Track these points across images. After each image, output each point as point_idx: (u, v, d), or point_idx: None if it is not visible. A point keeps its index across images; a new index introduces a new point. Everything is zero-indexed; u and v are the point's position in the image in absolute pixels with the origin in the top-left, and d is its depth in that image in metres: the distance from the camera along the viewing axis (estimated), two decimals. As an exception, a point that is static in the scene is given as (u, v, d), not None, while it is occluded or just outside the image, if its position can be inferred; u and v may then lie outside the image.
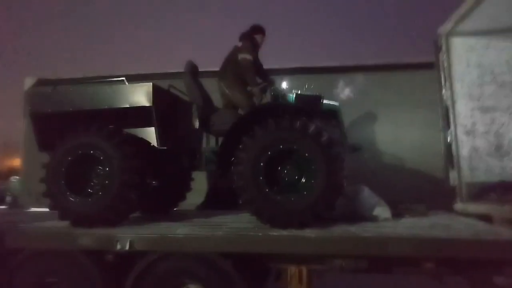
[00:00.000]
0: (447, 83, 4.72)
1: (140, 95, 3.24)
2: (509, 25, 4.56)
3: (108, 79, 3.45)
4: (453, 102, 4.69)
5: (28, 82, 7.27)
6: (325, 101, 3.44)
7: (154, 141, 3.31)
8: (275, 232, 2.77)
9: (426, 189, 5.15)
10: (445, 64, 4.74)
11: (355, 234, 2.68)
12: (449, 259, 2.63)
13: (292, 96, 3.48)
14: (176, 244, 2.79)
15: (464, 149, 4.61)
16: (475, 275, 2.85)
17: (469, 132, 4.65)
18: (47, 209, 3.49)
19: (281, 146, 2.97)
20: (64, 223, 3.27)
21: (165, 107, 3.38)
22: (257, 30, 3.81)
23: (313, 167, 2.92)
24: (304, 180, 2.99)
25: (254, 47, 3.72)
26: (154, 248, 2.83)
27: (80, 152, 3.23)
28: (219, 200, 5.35)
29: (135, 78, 4.00)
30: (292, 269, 2.98)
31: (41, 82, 7.16)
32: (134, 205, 3.28)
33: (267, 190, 2.95)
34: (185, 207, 4.79)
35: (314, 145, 2.92)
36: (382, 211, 3.40)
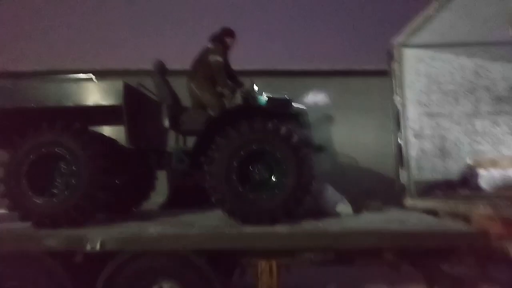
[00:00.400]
0: (399, 90, 5.14)
1: (109, 93, 3.17)
2: (452, 40, 5.07)
3: (74, 75, 3.34)
4: (404, 108, 5.11)
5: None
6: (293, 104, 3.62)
7: (122, 140, 3.26)
8: (248, 229, 2.87)
9: (379, 187, 5.54)
10: (397, 73, 5.15)
11: (323, 229, 2.87)
12: (405, 250, 2.90)
13: (261, 98, 3.61)
14: (149, 243, 2.78)
15: (413, 150, 5.05)
16: (426, 264, 3.17)
17: (417, 135, 5.09)
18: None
19: (253, 147, 3.08)
20: (24, 225, 3.13)
21: (134, 106, 3.34)
22: (227, 33, 3.89)
23: (284, 166, 3.07)
24: (275, 179, 3.13)
25: (224, 49, 3.79)
26: (126, 248, 2.81)
27: (43, 150, 3.10)
28: (181, 199, 5.36)
29: (100, 74, 3.88)
30: (262, 264, 3.11)
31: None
32: (101, 204, 3.21)
33: (239, 189, 3.05)
34: (147, 206, 4.74)
35: (285, 146, 3.07)
36: (344, 207, 3.64)
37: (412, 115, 5.10)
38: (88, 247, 2.77)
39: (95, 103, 3.16)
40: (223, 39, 3.85)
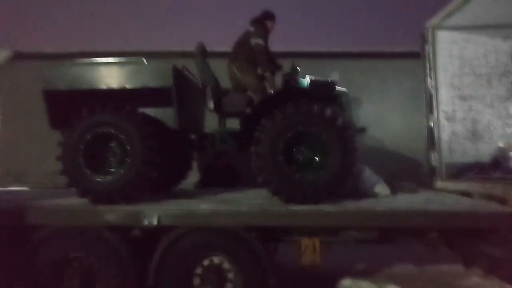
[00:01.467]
0: (432, 73, 5.13)
1: (159, 75, 3.27)
2: (487, 22, 5.01)
3: (125, 58, 3.44)
4: (436, 90, 5.11)
5: (1, 54, 6.92)
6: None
7: (169, 121, 3.39)
8: (298, 208, 3.00)
9: (408, 169, 5.62)
10: (431, 55, 5.13)
11: (369, 208, 2.98)
12: (446, 230, 3.00)
13: (303, 80, 3.68)
14: (204, 219, 2.94)
15: (445, 133, 5.08)
16: (464, 244, 3.27)
17: (450, 118, 5.11)
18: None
19: (299, 128, 3.18)
20: (80, 201, 3.31)
21: (182, 88, 3.45)
22: (268, 16, 3.93)
23: (328, 148, 3.16)
24: (319, 160, 3.23)
25: (265, 32, 3.84)
26: (181, 223, 2.96)
27: (99, 130, 3.24)
28: (213, 179, 5.53)
29: (142, 55, 3.97)
30: (306, 241, 3.25)
31: (18, 55, 6.84)
32: (153, 182, 3.37)
33: (285, 169, 3.16)
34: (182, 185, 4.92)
35: (330, 128, 3.15)
36: (382, 188, 3.74)
37: (445, 98, 5.09)
38: (146, 222, 2.93)
39: (145, 85, 3.27)
40: (263, 22, 3.89)
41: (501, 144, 5.02)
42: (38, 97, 3.45)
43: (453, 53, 5.14)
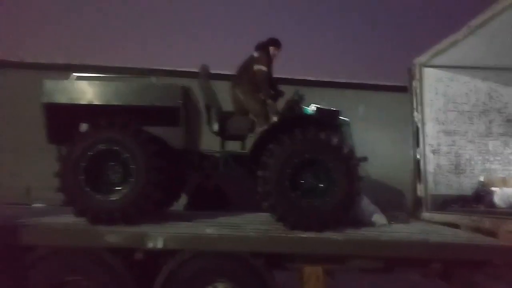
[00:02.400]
0: (419, 107, 5.40)
1: (169, 95, 3.25)
2: (469, 64, 5.39)
3: (129, 75, 3.39)
4: (423, 124, 5.37)
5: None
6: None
7: (175, 141, 3.34)
8: (304, 234, 3.00)
9: (393, 199, 5.78)
10: (418, 90, 5.42)
11: (374, 238, 3.02)
12: (444, 261, 3.08)
13: (307, 108, 3.76)
14: (210, 243, 2.86)
15: (430, 165, 5.31)
16: (460, 275, 3.36)
17: (435, 151, 5.37)
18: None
19: (306, 155, 3.22)
20: (77, 220, 3.15)
21: (187, 108, 3.43)
22: (273, 43, 4.03)
23: (334, 175, 3.21)
24: (324, 187, 3.26)
25: (269, 59, 3.93)
26: (186, 247, 2.87)
27: (102, 147, 3.14)
28: (204, 201, 5.44)
29: (145, 73, 3.94)
30: (309, 269, 3.23)
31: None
32: (155, 203, 3.27)
33: (292, 195, 3.17)
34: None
35: (337, 155, 3.22)
36: (379, 218, 3.81)
37: (431, 132, 5.36)
38: (150, 245, 2.82)
39: (153, 103, 3.23)
40: (268, 48, 3.99)
41: (482, 179, 5.30)
42: (23, 107, 3.31)
43: (439, 90, 5.46)
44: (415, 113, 5.41)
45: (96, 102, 3.20)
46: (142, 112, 3.27)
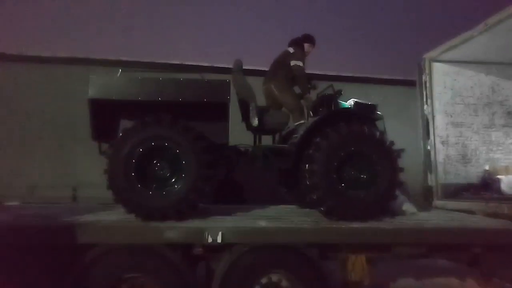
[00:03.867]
0: (429, 100, 5.63)
1: (218, 90, 3.25)
2: (475, 58, 5.66)
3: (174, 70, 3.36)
4: (433, 117, 5.61)
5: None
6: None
7: (219, 136, 3.37)
8: (355, 225, 3.12)
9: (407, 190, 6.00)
10: (427, 84, 5.64)
11: (420, 226, 3.18)
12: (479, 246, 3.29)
13: (344, 102, 3.86)
14: (267, 236, 2.93)
15: (440, 156, 5.57)
16: (488, 259, 3.58)
17: (444, 142, 5.63)
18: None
19: (352, 148, 3.33)
20: (126, 217, 3.13)
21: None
22: (308, 39, 4.09)
23: (377, 167, 3.34)
24: (368, 179, 3.39)
25: (304, 55, 3.99)
26: (244, 241, 2.92)
27: (153, 143, 3.11)
28: (225, 195, 5.48)
29: (161, 67, 3.90)
30: (353, 258, 3.37)
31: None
32: (205, 198, 3.29)
33: (339, 187, 3.28)
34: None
35: (379, 148, 3.35)
36: (409, 207, 4.00)
37: (440, 124, 5.61)
38: (210, 239, 2.85)
39: (203, 99, 3.23)
40: (303, 44, 4.05)
41: (487, 167, 5.62)
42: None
43: (446, 83, 5.71)
44: (425, 106, 5.64)
45: (145, 98, 3.16)
46: (190, 107, 3.26)
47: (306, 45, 4.06)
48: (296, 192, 4.44)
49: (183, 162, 3.13)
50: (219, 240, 2.85)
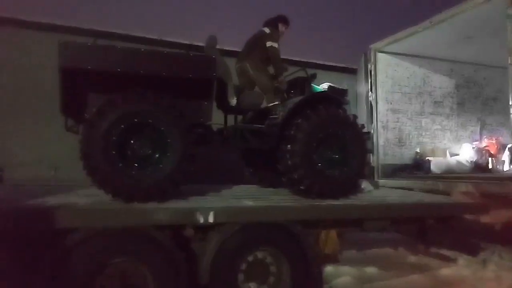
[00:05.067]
0: (373, 88, 6.12)
1: (203, 66, 3.11)
2: (412, 52, 6.28)
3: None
4: (376, 103, 6.12)
5: None
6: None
7: (202, 115, 3.26)
8: (336, 202, 3.32)
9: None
10: (372, 73, 6.12)
11: (388, 201, 3.51)
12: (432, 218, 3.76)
13: (316, 86, 3.99)
14: (257, 214, 2.95)
15: (381, 139, 6.13)
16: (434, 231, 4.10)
17: (384, 127, 6.20)
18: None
19: (329, 130, 3.49)
20: (105, 198, 2.89)
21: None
22: (283, 20, 4.09)
23: (351, 148, 3.56)
24: (341, 159, 3.59)
25: (278, 36, 4.00)
26: (235, 220, 2.91)
27: (136, 120, 2.88)
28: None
29: (145, 41, 3.68)
30: (326, 233, 3.60)
31: None
32: (189, 177, 3.16)
33: (318, 166, 3.43)
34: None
35: (353, 130, 3.59)
36: (367, 185, 4.36)
37: (381, 110, 6.15)
38: (201, 220, 2.79)
39: (188, 75, 3.07)
40: (277, 25, 4.05)
41: (418, 150, 6.36)
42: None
43: (388, 73, 6.26)
44: (370, 93, 6.11)
45: (124, 70, 2.89)
46: (172, 83, 3.07)
47: (280, 26, 4.08)
48: (260, 173, 4.52)
49: (168, 140, 2.97)
50: (211, 220, 2.81)
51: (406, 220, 3.69)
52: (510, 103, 3.99)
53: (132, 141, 2.94)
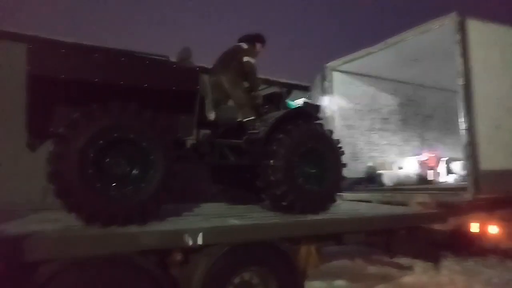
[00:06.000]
0: (329, 105, 6.35)
1: (186, 78, 2.92)
2: (363, 71, 6.67)
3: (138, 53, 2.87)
4: (333, 120, 6.35)
5: None
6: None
7: (185, 130, 3.07)
8: (322, 216, 3.31)
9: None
10: (329, 90, 6.36)
11: (366, 215, 3.58)
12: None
13: (291, 102, 3.99)
14: (244, 234, 2.81)
15: (338, 154, 6.33)
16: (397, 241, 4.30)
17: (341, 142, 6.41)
18: None
19: (310, 145, 3.49)
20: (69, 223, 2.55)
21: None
22: (261, 40, 4.06)
23: (328, 162, 3.60)
24: (319, 173, 3.60)
25: (256, 53, 3.95)
26: (223, 240, 2.74)
27: (116, 135, 2.59)
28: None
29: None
30: (305, 248, 3.57)
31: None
32: (172, 196, 2.90)
33: (299, 182, 3.40)
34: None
35: (330, 145, 3.64)
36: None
37: (338, 125, 6.39)
38: (190, 242, 2.59)
39: (170, 87, 2.87)
40: (255, 43, 4.01)
41: (370, 164, 6.70)
42: None
43: (342, 91, 6.55)
44: (329, 110, 6.33)
45: (103, 80, 2.62)
46: (153, 95, 2.85)
47: (258, 45, 4.05)
48: (229, 189, 4.39)
49: (151, 157, 2.74)
50: (199, 241, 2.62)
51: (380, 231, 3.81)
52: (461, 120, 4.36)
53: (110, 159, 2.65)
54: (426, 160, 7.13)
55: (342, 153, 3.78)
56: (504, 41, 4.65)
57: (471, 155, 4.26)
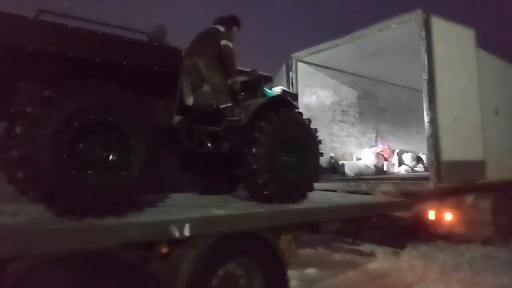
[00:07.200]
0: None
1: (168, 59, 2.69)
2: (326, 64, 6.78)
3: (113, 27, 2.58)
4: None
5: None
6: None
7: (164, 115, 2.85)
8: (304, 205, 3.27)
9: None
10: (293, 81, 6.37)
11: (344, 204, 3.62)
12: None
13: (269, 90, 3.88)
14: (230, 224, 2.68)
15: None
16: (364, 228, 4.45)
17: (305, 133, 6.48)
18: None
19: (289, 133, 3.42)
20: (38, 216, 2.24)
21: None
22: (237, 23, 3.88)
23: (307, 150, 3.57)
24: (299, 162, 3.55)
25: (233, 37, 3.78)
26: (210, 231, 2.59)
27: (93, 117, 2.30)
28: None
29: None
30: (284, 237, 3.53)
31: None
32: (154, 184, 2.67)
33: (281, 171, 3.33)
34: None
35: (309, 133, 3.61)
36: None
37: (302, 117, 6.43)
38: (177, 234, 2.42)
39: (152, 67, 2.65)
40: (232, 26, 3.83)
41: (332, 155, 6.85)
42: None
43: (306, 82, 6.60)
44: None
45: (77, 56, 2.33)
46: (132, 76, 2.60)
47: (235, 28, 3.88)
48: (200, 179, 4.23)
49: (132, 142, 2.50)
50: (186, 233, 2.46)
51: (354, 219, 3.90)
52: (425, 113, 4.58)
53: (87, 143, 2.37)
54: (380, 151, 7.46)
55: (320, 142, 3.77)
56: (462, 39, 4.95)
57: (434, 146, 4.49)
